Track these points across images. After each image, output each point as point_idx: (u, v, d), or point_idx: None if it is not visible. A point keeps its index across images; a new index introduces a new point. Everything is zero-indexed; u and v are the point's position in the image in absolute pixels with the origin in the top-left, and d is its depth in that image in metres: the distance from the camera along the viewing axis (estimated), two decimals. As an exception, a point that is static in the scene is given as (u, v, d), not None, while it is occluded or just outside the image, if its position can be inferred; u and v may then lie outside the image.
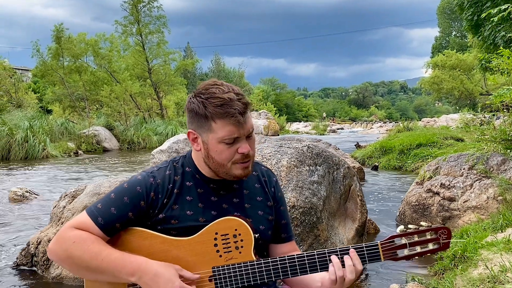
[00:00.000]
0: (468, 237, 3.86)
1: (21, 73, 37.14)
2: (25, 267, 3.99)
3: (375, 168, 11.31)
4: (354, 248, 1.35)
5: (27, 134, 14.94)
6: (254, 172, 1.57)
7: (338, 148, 11.11)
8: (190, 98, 1.42)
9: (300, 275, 1.36)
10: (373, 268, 3.96)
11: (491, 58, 5.56)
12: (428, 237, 1.34)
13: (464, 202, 4.70)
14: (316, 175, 3.73)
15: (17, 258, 4.09)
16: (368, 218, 4.86)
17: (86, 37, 26.30)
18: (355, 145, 15.84)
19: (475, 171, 4.93)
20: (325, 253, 1.35)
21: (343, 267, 1.33)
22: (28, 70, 43.40)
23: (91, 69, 27.32)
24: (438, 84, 29.33)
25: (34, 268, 3.96)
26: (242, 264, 1.35)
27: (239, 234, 1.37)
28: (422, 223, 1.38)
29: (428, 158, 9.71)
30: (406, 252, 1.34)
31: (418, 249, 1.34)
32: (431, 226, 1.35)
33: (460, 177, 4.97)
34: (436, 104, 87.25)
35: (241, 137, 1.37)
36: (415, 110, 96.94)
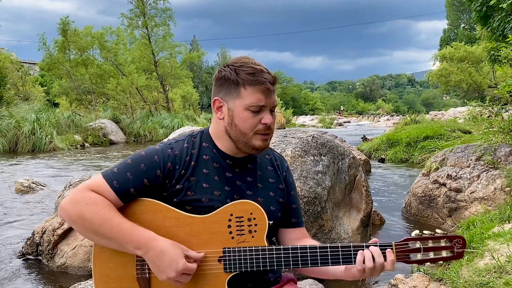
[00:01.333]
0: (475, 228, 3.82)
1: (28, 67, 37.30)
2: (31, 256, 4.01)
3: (382, 160, 11.25)
4: (365, 245, 1.35)
5: (34, 126, 15.00)
6: (267, 156, 1.60)
7: (345, 141, 11.07)
8: (221, 68, 1.46)
9: (311, 266, 1.35)
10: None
11: (500, 47, 5.48)
12: (443, 244, 1.32)
13: (471, 193, 4.65)
14: (321, 165, 3.70)
15: (22, 248, 4.12)
16: (373, 209, 4.83)
17: (92, 30, 26.32)
18: (361, 138, 15.77)
19: (482, 162, 4.88)
20: (338, 248, 1.35)
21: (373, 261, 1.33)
22: (35, 63, 43.58)
23: (98, 62, 27.35)
24: (446, 77, 29.02)
25: (39, 257, 3.97)
26: (254, 248, 1.35)
27: (254, 219, 1.36)
28: (438, 230, 1.36)
29: (435, 151, 9.64)
30: (419, 256, 1.32)
31: (432, 255, 1.32)
32: (446, 233, 1.34)
33: (467, 168, 4.92)
34: (444, 98, 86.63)
35: (267, 107, 1.41)
36: (422, 104, 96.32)
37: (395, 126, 17.87)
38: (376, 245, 1.35)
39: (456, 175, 4.86)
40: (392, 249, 1.34)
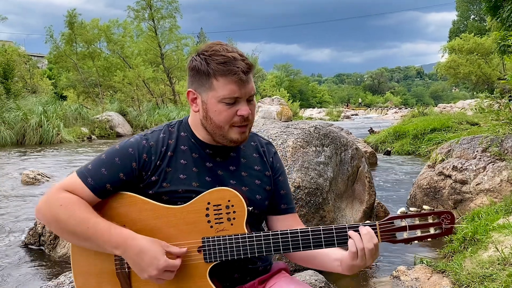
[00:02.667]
0: (480, 220, 3.77)
1: (36, 60, 37.46)
2: (33, 246, 4.04)
3: (388, 153, 11.17)
4: (348, 226, 1.29)
5: (41, 119, 15.08)
6: (252, 142, 1.53)
7: (351, 133, 10.99)
8: (193, 57, 1.38)
9: (293, 251, 1.30)
10: (381, 250, 3.90)
11: (508, 36, 5.37)
12: (430, 221, 1.27)
13: (476, 185, 4.59)
14: (323, 156, 3.66)
15: (25, 238, 4.14)
16: (378, 201, 4.79)
17: (99, 23, 26.34)
18: (368, 131, 15.68)
19: (488, 154, 4.80)
20: (319, 230, 1.29)
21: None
22: (43, 56, 43.78)
23: (104, 55, 27.40)
24: (454, 69, 28.66)
25: (42, 247, 3.99)
26: (233, 236, 1.30)
27: (232, 206, 1.31)
28: (425, 207, 1.30)
29: (442, 143, 9.53)
30: (405, 235, 1.27)
31: (419, 233, 1.27)
32: (433, 210, 1.28)
33: (473, 159, 4.85)
34: (453, 90, 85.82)
35: (242, 98, 1.33)
36: (431, 96, 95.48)
37: (403, 118, 17.73)
38: (364, 225, 1.29)
39: (461, 167, 4.79)
40: (376, 229, 1.28)
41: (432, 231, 1.27)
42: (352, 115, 46.83)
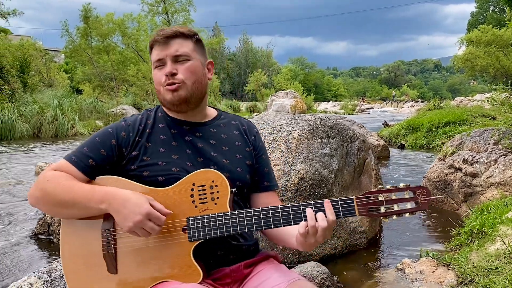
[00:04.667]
0: (489, 213, 3.70)
1: (53, 54, 37.94)
2: (43, 236, 4.10)
3: (402, 146, 11.05)
4: (330, 200, 1.29)
5: (57, 112, 15.31)
6: (233, 122, 1.61)
7: (363, 126, 10.89)
8: None
9: (274, 227, 1.31)
10: (386, 243, 3.87)
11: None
12: (406, 196, 1.30)
13: (487, 178, 4.50)
14: (329, 148, 3.63)
15: (35, 228, 4.21)
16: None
17: (113, 17, 26.53)
18: (382, 124, 15.54)
19: (500, 146, 4.71)
20: (299, 206, 1.30)
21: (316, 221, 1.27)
22: (59, 51, 44.33)
23: (119, 49, 27.61)
24: (471, 61, 28.04)
25: (51, 237, 4.06)
26: (217, 215, 1.32)
27: (216, 186, 1.35)
28: (401, 183, 1.33)
29: (455, 136, 9.38)
30: (382, 209, 1.29)
31: (396, 207, 1.29)
32: (409, 185, 1.31)
33: (484, 152, 4.76)
34: (471, 83, 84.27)
35: (165, 58, 1.42)
36: (448, 90, 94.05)
37: (418, 111, 17.50)
38: (311, 206, 1.29)
39: (472, 160, 4.71)
40: (353, 203, 1.29)
41: (409, 205, 1.29)
42: (368, 108, 46.38)
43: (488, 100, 5.59)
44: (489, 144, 4.80)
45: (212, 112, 1.59)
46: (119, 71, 26.81)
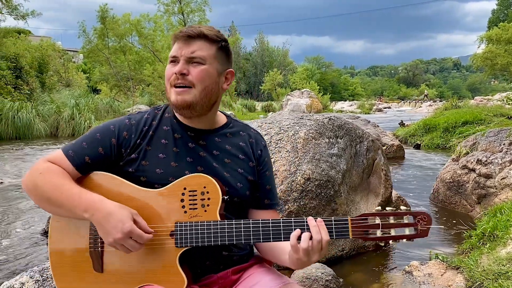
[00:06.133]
0: (502, 215, 3.60)
1: (72, 54, 38.52)
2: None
3: (417, 146, 10.89)
4: (323, 219, 1.25)
5: (73, 111, 15.54)
6: (241, 132, 1.53)
7: (378, 125, 10.77)
8: None
9: (263, 241, 1.27)
10: (395, 245, 3.80)
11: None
12: (406, 221, 1.24)
13: (501, 179, 4.39)
14: (336, 148, 3.58)
15: (45, 225, 4.26)
16: (398, 195, 4.66)
17: (130, 18, 26.80)
18: (399, 124, 15.36)
19: (516, 147, 4.58)
20: (291, 222, 1.26)
21: (310, 239, 1.22)
22: (77, 51, 45.00)
23: (136, 49, 27.87)
24: (491, 60, 27.49)
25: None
26: (205, 223, 1.29)
27: (207, 192, 1.30)
28: (402, 207, 1.28)
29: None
30: (378, 233, 1.24)
31: (393, 232, 1.24)
32: (409, 209, 1.26)
33: (499, 153, 4.64)
34: (492, 82, 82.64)
35: (179, 57, 1.37)
36: (468, 89, 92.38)
37: (435, 111, 17.23)
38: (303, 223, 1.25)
39: (486, 160, 4.60)
40: (347, 224, 1.24)
41: (407, 231, 1.24)
42: (385, 108, 45.88)
43: (505, 100, 5.45)
44: (504, 144, 4.69)
45: (221, 119, 1.52)
46: (135, 71, 27.07)
